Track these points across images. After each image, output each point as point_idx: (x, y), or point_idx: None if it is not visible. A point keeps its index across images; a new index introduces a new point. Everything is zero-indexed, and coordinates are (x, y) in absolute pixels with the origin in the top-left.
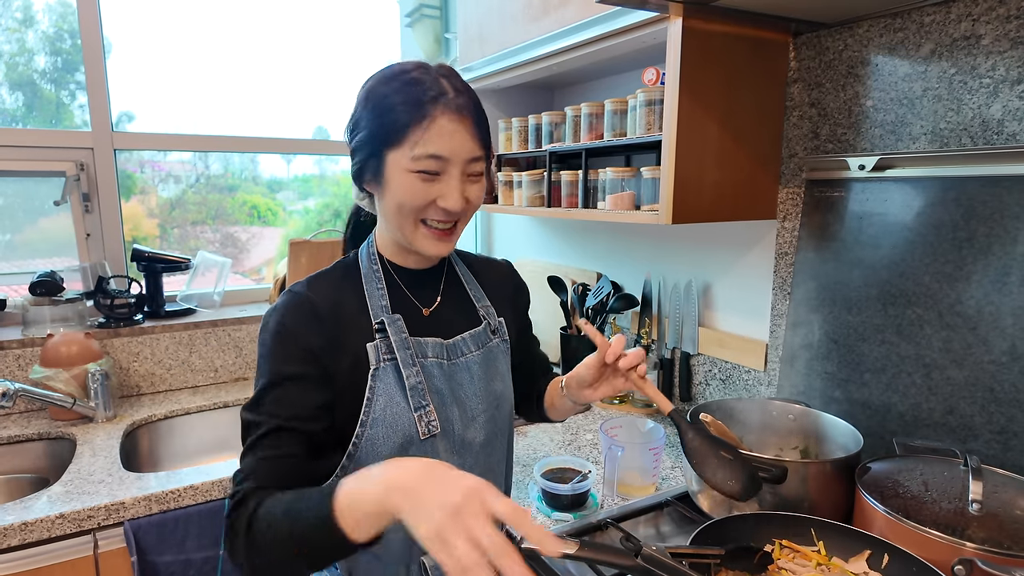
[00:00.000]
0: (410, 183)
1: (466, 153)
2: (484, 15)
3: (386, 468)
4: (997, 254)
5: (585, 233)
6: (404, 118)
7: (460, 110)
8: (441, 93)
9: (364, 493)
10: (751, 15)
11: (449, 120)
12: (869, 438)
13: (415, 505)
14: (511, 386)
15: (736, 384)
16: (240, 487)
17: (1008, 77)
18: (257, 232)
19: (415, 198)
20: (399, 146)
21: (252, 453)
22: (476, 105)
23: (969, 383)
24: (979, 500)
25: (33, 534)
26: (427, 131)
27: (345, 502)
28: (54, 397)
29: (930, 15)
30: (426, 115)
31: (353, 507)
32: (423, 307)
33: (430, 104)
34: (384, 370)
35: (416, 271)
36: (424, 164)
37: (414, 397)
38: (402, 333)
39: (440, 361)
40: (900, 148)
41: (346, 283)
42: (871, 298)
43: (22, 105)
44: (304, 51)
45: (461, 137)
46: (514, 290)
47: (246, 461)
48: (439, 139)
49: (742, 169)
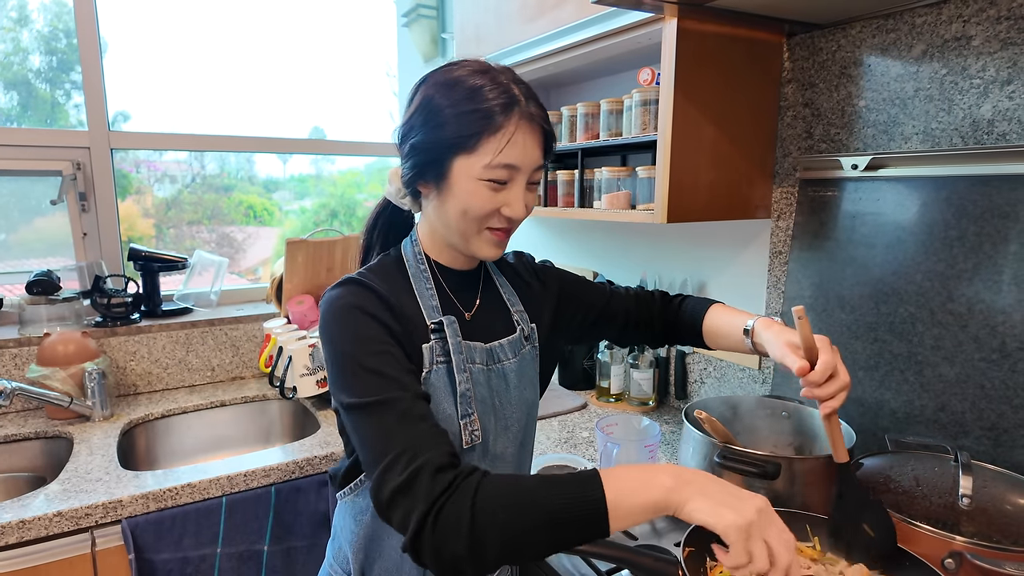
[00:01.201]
0: (478, 191)
1: (534, 163)
2: (481, 15)
3: (663, 469)
4: (987, 253)
5: (581, 232)
6: (477, 126)
7: (532, 120)
8: (514, 101)
9: (642, 483)
10: (745, 16)
11: (524, 131)
12: (862, 435)
13: (712, 504)
14: (538, 393)
15: (731, 382)
16: (418, 461)
17: (998, 78)
18: (253, 232)
19: (483, 206)
20: (470, 154)
21: (403, 430)
22: (546, 115)
23: (960, 380)
24: (969, 495)
25: (31, 532)
26: (503, 141)
27: (614, 492)
28: (51, 396)
29: (922, 16)
30: (502, 125)
31: (624, 495)
32: (465, 310)
33: (505, 113)
34: (436, 373)
35: (459, 273)
36: (496, 174)
37: (462, 404)
38: (457, 336)
39: (483, 367)
40: (892, 148)
41: (396, 280)
42: (864, 296)
43: (17, 105)
44: (300, 50)
45: (533, 149)
46: (538, 280)
47: (402, 438)
48: (514, 149)
49: (736, 169)
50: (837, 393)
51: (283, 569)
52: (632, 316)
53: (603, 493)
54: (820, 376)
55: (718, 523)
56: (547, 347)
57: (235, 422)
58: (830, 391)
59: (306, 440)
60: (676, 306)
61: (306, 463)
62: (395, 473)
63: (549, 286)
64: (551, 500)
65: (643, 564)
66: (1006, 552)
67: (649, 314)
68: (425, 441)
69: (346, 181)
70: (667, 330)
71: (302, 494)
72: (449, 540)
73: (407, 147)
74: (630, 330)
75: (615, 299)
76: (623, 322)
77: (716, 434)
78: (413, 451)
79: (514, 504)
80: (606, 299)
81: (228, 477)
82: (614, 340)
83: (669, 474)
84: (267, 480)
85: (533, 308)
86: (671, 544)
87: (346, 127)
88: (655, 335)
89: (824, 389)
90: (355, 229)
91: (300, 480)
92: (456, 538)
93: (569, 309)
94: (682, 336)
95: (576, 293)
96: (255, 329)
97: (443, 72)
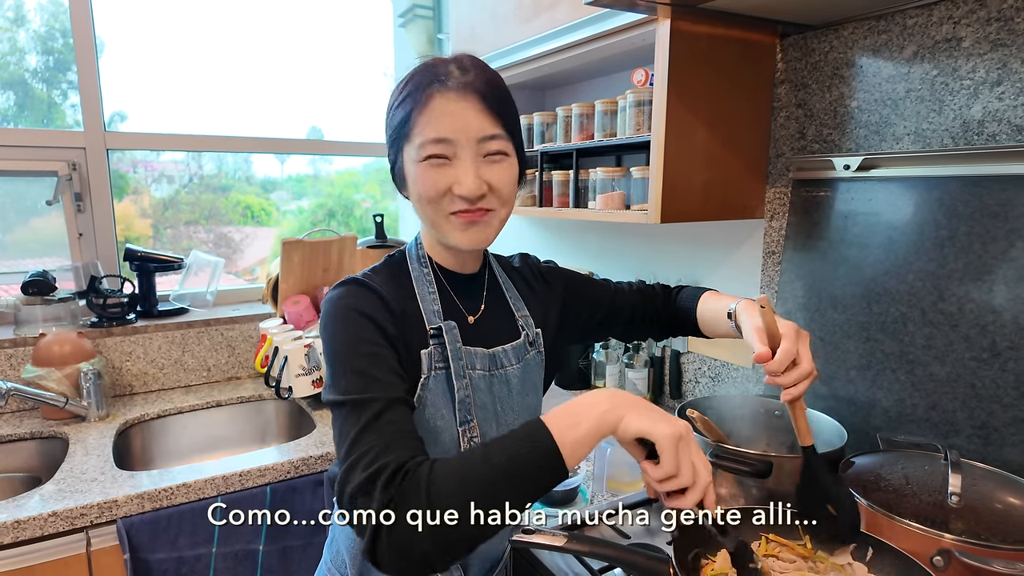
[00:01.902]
0: (423, 173)
1: (474, 132)
2: (476, 16)
3: (593, 395)
4: (978, 252)
5: (576, 232)
6: (407, 108)
7: (463, 88)
8: (443, 76)
9: (580, 416)
10: (738, 17)
11: (449, 100)
12: (854, 434)
13: (647, 417)
14: (542, 398)
15: (725, 381)
16: (379, 462)
17: (988, 79)
18: (251, 232)
19: (429, 188)
20: (409, 140)
21: (373, 431)
22: (488, 82)
23: (951, 379)
24: (958, 493)
25: (26, 532)
26: (424, 114)
27: (557, 429)
28: (46, 396)
29: (913, 18)
30: (427, 101)
31: (568, 431)
32: (468, 315)
33: (428, 88)
34: (435, 379)
35: (462, 276)
36: (429, 149)
37: (461, 411)
38: (457, 343)
39: (484, 373)
40: (884, 148)
41: (400, 283)
42: (856, 296)
43: (13, 104)
44: (298, 51)
45: (466, 116)
46: (544, 283)
47: (369, 439)
48: (439, 120)
49: (730, 169)
50: (798, 382)
51: (279, 569)
52: (638, 311)
53: (548, 431)
54: (778, 365)
55: (653, 430)
56: (552, 350)
57: (231, 422)
58: (790, 379)
59: (302, 440)
60: (674, 297)
61: (301, 463)
62: (356, 473)
63: (554, 287)
64: (503, 454)
65: (635, 563)
66: (994, 550)
67: (654, 307)
68: (391, 444)
69: (344, 181)
70: (671, 322)
71: (298, 494)
72: (408, 534)
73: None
74: (635, 325)
75: (620, 295)
76: (629, 317)
77: (709, 433)
78: (375, 452)
79: (466, 474)
80: (611, 296)
81: (224, 477)
82: (620, 336)
83: (603, 397)
84: (262, 480)
85: (538, 312)
86: (664, 543)
87: (344, 127)
88: (661, 328)
89: (784, 377)
90: (352, 229)
91: (296, 480)
92: (414, 530)
93: (575, 309)
94: (682, 326)
95: (582, 292)
96: (251, 329)
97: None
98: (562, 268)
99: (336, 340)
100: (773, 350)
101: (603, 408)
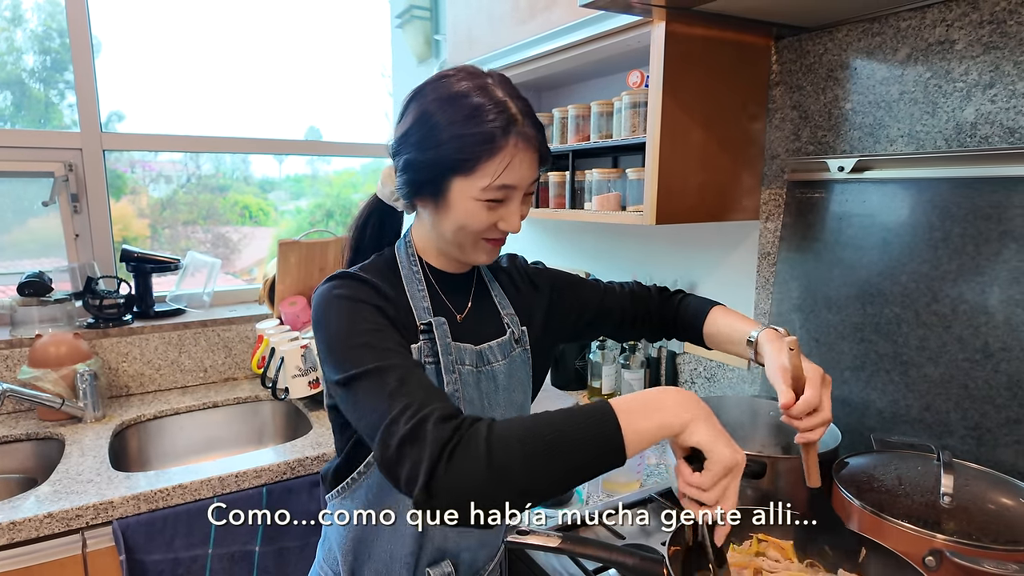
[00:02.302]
0: (476, 210)
1: (529, 179)
2: (473, 17)
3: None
4: (971, 254)
5: (572, 233)
6: (477, 151)
7: (529, 140)
8: (512, 122)
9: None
10: (733, 19)
11: (519, 149)
12: (848, 434)
13: (713, 433)
14: (530, 396)
15: (721, 382)
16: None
17: (980, 81)
18: (249, 232)
19: (480, 223)
20: (468, 175)
21: (404, 393)
22: (540, 127)
23: (944, 380)
24: (950, 493)
25: (21, 533)
26: (502, 165)
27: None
28: (42, 397)
29: (906, 20)
30: (500, 148)
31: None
32: (456, 312)
33: (504, 136)
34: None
35: (452, 276)
36: (493, 194)
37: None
38: (446, 338)
39: (472, 369)
40: (878, 150)
41: (389, 280)
42: (850, 297)
43: (10, 104)
44: (295, 51)
45: (530, 168)
46: (529, 283)
47: (403, 398)
48: (512, 172)
49: (725, 170)
50: (816, 427)
51: (275, 570)
52: (628, 313)
53: (614, 411)
54: (800, 412)
55: (714, 448)
56: (539, 349)
57: (227, 423)
58: (809, 424)
59: (298, 441)
60: (676, 303)
61: (298, 464)
62: (399, 425)
63: (541, 288)
64: (567, 425)
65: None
66: (986, 550)
67: (646, 310)
68: (428, 397)
69: (342, 181)
70: (666, 326)
71: (294, 495)
72: (466, 476)
73: (402, 161)
74: (627, 326)
75: (609, 296)
76: (619, 319)
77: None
78: (417, 405)
79: (530, 434)
80: (600, 296)
81: (220, 478)
82: (612, 336)
83: (676, 397)
84: (259, 481)
85: (524, 311)
86: (658, 543)
87: (342, 128)
88: (653, 330)
89: (804, 422)
90: None
91: (292, 481)
92: (474, 473)
93: (562, 309)
94: (681, 333)
95: (569, 293)
96: (248, 330)
97: (441, 85)
98: (551, 269)
99: (333, 325)
100: (796, 391)
101: (674, 409)
